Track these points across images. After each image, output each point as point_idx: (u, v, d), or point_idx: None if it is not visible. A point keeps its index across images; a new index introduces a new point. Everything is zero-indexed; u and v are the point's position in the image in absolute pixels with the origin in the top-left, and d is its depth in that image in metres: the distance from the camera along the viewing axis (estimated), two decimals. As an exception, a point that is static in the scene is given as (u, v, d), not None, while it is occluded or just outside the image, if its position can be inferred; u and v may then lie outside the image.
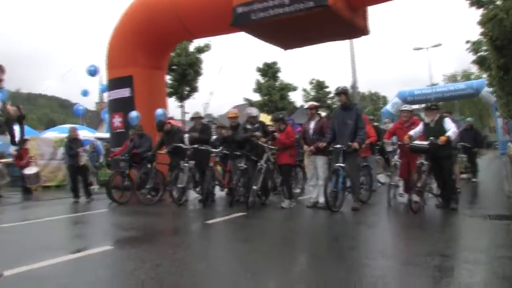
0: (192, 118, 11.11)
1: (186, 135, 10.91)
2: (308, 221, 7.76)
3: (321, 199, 8.36)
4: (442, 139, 7.27)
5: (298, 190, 10.80)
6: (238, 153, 9.47)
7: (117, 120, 14.70)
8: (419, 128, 8.04)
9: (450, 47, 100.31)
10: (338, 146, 7.97)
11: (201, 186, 9.97)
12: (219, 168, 11.07)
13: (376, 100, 71.33)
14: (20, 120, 3.68)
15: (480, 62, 18.38)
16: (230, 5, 11.48)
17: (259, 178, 8.80)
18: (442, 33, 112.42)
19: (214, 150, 9.88)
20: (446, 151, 7.58)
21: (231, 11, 11.43)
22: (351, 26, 11.65)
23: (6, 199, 13.14)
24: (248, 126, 9.62)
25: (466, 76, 54.08)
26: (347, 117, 8.17)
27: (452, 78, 57.97)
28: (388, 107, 39.30)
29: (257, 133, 9.09)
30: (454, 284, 3.72)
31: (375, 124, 13.48)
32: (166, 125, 10.75)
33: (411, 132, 7.90)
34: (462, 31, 62.32)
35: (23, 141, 15.23)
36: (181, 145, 10.10)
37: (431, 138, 7.42)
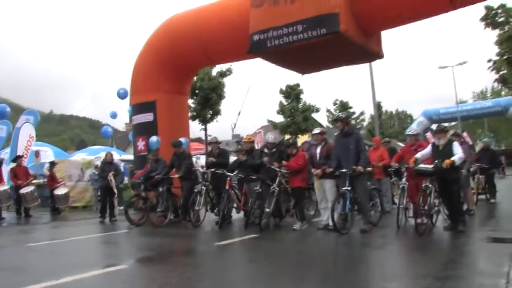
0: (209, 143, 11.56)
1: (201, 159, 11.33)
2: (316, 243, 8.00)
3: (331, 222, 8.61)
4: (446, 162, 7.45)
5: (311, 212, 11.05)
6: (253, 177, 9.83)
7: (141, 144, 15.21)
8: (427, 150, 8.28)
9: (475, 64, 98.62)
10: (344, 170, 8.24)
11: (217, 208, 10.33)
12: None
13: (404, 118, 70.83)
14: None
15: (504, 81, 18.36)
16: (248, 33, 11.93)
17: (272, 200, 9.12)
18: (467, 50, 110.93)
19: (229, 174, 10.24)
20: (454, 174, 7.76)
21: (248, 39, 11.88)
22: (365, 51, 11.93)
23: (35, 219, 13.80)
24: (266, 151, 9.97)
25: (496, 93, 53.38)
26: (348, 142, 8.48)
27: (482, 95, 57.32)
28: (414, 126, 39.11)
29: (267, 160, 9.49)
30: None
31: (399, 143, 13.67)
32: (179, 148, 11.26)
33: (418, 155, 8.13)
34: (487, 47, 61.58)
35: (52, 163, 16.06)
36: (198, 168, 10.53)
37: (436, 162, 7.64)
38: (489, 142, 13.52)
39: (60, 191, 15.32)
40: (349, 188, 8.16)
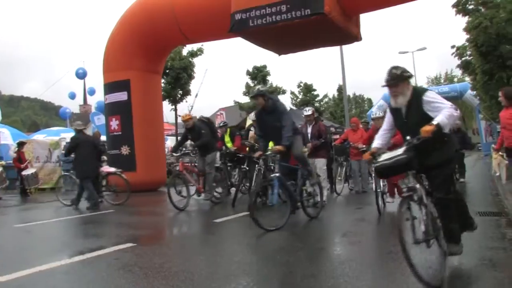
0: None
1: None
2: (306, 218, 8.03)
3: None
4: (425, 130, 3.75)
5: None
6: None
7: (114, 123, 14.97)
8: (387, 123, 4.55)
9: (432, 50, 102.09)
10: (268, 153, 7.15)
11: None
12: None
13: (361, 102, 72.33)
14: None
15: (465, 66, 19.07)
16: (227, 11, 11.81)
17: (258, 179, 9.13)
18: (425, 36, 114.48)
19: (174, 154, 10.11)
20: (438, 154, 4.12)
21: (229, 18, 11.78)
22: (345, 33, 12.10)
23: (5, 201, 13.33)
24: (252, 129, 10.07)
25: (449, 79, 55.21)
26: (274, 120, 7.14)
27: (436, 81, 59.16)
28: (374, 110, 39.97)
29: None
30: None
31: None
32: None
33: (376, 142, 4.48)
34: (445, 34, 64.00)
35: (21, 143, 15.52)
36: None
37: (407, 139, 3.97)
38: (460, 124, 14.08)
39: (27, 171, 14.88)
40: (277, 175, 6.80)
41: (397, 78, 4.19)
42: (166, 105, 21.53)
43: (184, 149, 10.82)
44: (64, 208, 10.66)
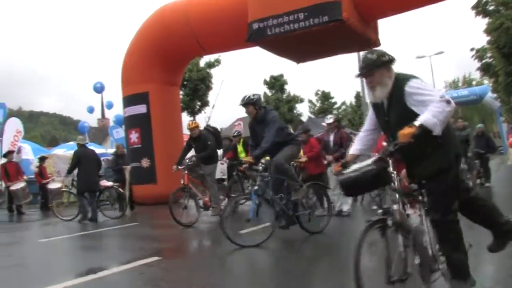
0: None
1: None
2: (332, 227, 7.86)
3: (345, 208, 8.66)
4: (402, 133, 2.89)
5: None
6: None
7: (134, 136, 15.00)
8: (369, 122, 3.58)
9: (450, 54, 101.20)
10: (244, 165, 6.66)
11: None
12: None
13: (378, 108, 71.87)
14: None
15: (485, 69, 18.76)
16: (243, 21, 11.82)
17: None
18: (442, 40, 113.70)
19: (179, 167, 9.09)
20: (435, 169, 3.23)
21: (247, 27, 11.77)
22: (363, 39, 12.00)
23: (28, 216, 13.43)
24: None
25: (468, 82, 54.47)
26: (264, 130, 6.61)
27: (454, 85, 58.44)
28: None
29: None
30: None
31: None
32: None
33: (354, 150, 3.58)
34: (463, 38, 63.46)
35: (42, 158, 15.64)
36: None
37: (385, 145, 3.88)
38: (483, 127, 13.78)
39: (53, 185, 14.92)
40: (255, 188, 6.35)
41: (372, 65, 3.22)
42: (185, 117, 21.61)
43: (187, 160, 10.48)
44: (86, 222, 10.65)
